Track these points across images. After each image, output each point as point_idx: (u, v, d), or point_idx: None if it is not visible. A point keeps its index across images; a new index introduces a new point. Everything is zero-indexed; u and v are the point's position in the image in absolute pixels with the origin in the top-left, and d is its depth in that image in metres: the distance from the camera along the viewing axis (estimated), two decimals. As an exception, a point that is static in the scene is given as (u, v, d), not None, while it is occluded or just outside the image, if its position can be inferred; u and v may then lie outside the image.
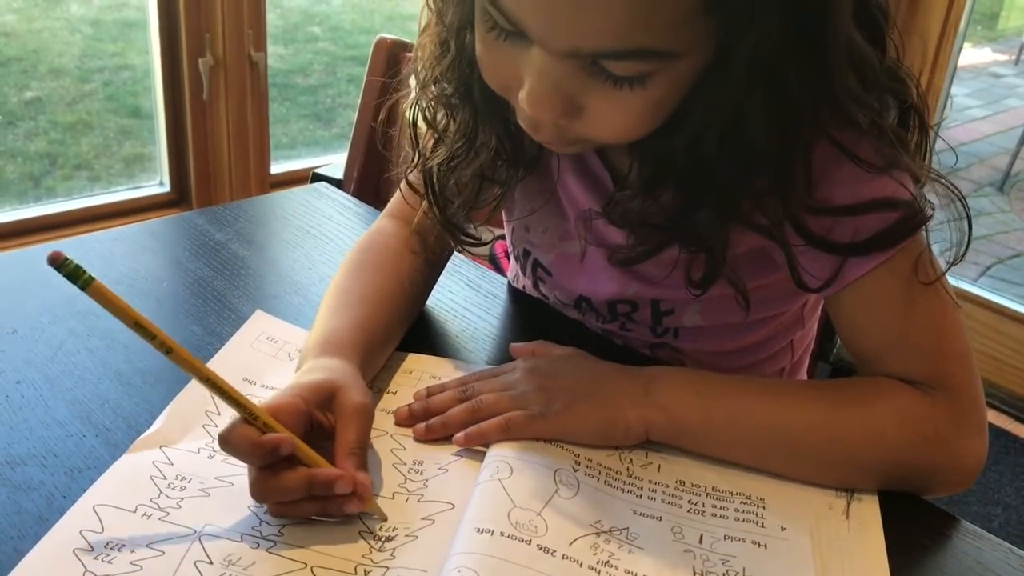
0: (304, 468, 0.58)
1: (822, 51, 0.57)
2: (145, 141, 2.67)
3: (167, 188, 2.12)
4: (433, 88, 0.74)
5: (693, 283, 0.71)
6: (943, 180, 0.66)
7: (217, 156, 2.07)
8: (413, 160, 0.79)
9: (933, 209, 0.66)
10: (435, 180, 0.77)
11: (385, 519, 0.60)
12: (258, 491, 0.58)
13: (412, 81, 0.77)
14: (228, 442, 0.58)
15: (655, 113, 0.61)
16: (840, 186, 0.65)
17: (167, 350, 0.57)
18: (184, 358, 0.58)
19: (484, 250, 1.15)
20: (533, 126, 0.65)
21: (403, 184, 0.84)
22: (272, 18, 2.05)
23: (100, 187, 2.81)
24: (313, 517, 0.59)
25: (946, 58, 2.24)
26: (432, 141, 0.77)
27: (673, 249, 0.70)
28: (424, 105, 0.76)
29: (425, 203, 0.79)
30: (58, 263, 0.52)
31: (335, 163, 1.28)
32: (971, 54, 3.72)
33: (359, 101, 1.26)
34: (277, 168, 2.26)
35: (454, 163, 0.75)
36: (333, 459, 0.60)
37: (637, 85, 0.58)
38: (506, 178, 0.78)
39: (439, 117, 0.76)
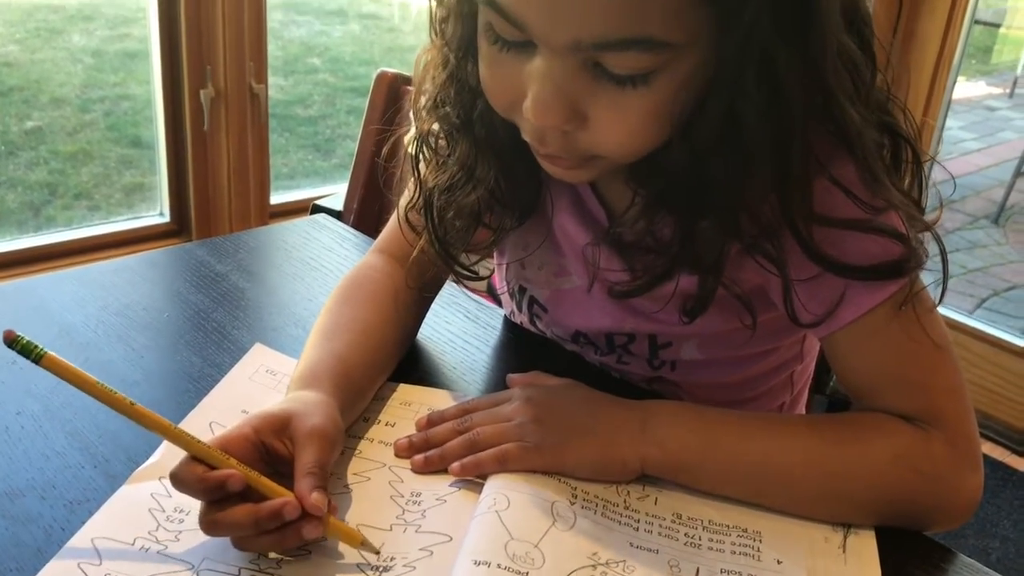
0: (249, 504, 0.58)
1: (813, 40, 0.58)
2: (145, 171, 2.68)
3: (167, 218, 2.13)
4: (436, 112, 0.75)
5: (686, 312, 0.71)
6: (920, 219, 0.66)
7: (217, 186, 2.08)
8: (414, 196, 0.80)
9: (927, 255, 0.67)
10: (435, 207, 0.77)
11: (377, 552, 0.60)
12: (206, 526, 0.58)
13: (413, 116, 0.78)
14: (177, 479, 0.58)
15: (659, 118, 0.61)
16: (841, 209, 0.65)
17: (131, 403, 0.59)
18: (148, 416, 0.59)
19: (481, 283, 1.15)
20: (539, 138, 0.65)
21: (395, 219, 0.84)
22: (272, 49, 2.07)
23: (100, 217, 2.82)
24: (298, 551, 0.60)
25: (941, 91, 2.26)
26: (433, 166, 0.78)
27: (670, 283, 0.70)
28: (427, 129, 0.77)
29: (423, 237, 0.80)
30: (10, 341, 0.55)
31: (335, 194, 1.29)
32: (965, 87, 3.75)
33: (359, 133, 1.27)
34: (277, 199, 2.27)
35: (455, 192, 0.76)
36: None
37: (640, 84, 0.59)
38: (499, 225, 0.78)
39: (441, 144, 0.77)
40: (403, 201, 0.83)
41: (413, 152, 0.79)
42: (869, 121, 0.63)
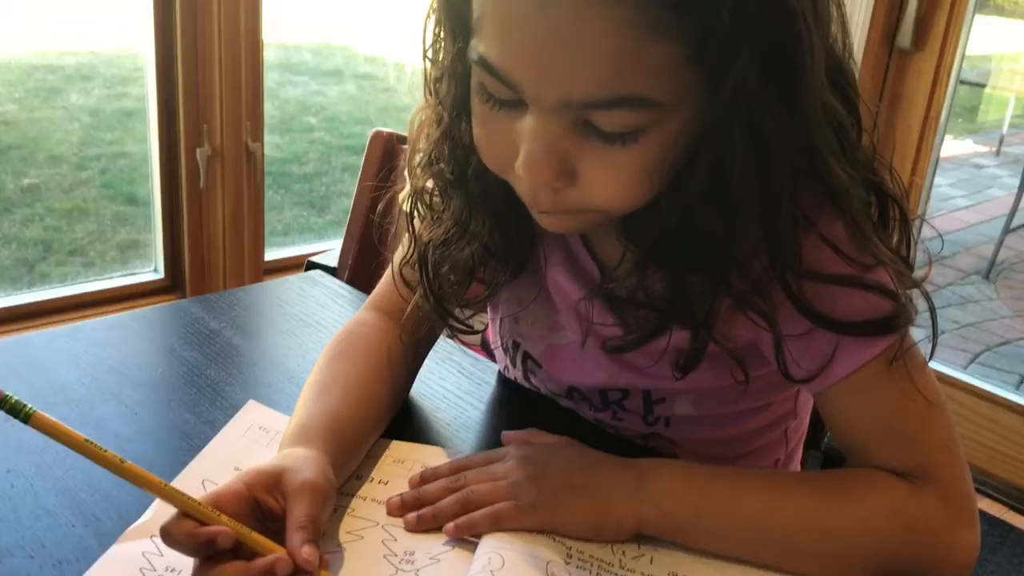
0: (241, 561, 0.57)
1: (800, 105, 0.59)
2: (140, 228, 2.69)
3: (161, 275, 2.13)
4: (431, 169, 0.76)
5: (679, 367, 0.71)
6: (908, 276, 0.67)
7: (212, 243, 2.09)
8: (409, 252, 0.80)
9: (917, 312, 0.67)
10: (429, 264, 0.78)
11: None
12: None
13: (403, 197, 0.79)
14: (168, 535, 0.57)
15: (648, 175, 0.62)
16: (830, 265, 0.66)
17: (120, 462, 0.58)
18: (137, 472, 0.59)
19: (476, 337, 1.15)
20: (532, 196, 0.65)
21: (388, 276, 0.85)
22: (269, 108, 2.09)
23: (94, 273, 2.82)
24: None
25: (928, 150, 2.29)
26: (428, 222, 0.78)
27: (663, 338, 0.71)
28: (421, 186, 0.78)
29: (418, 291, 0.80)
30: None
31: (329, 250, 1.29)
32: (953, 145, 3.81)
33: (354, 190, 1.28)
34: (271, 255, 2.28)
35: (449, 247, 0.76)
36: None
37: (629, 141, 0.59)
38: (493, 279, 0.79)
39: (436, 200, 0.78)
40: (397, 257, 0.84)
41: (408, 209, 0.80)
42: (855, 179, 0.64)
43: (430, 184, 0.77)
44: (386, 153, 1.24)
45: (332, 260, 1.27)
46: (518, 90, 0.60)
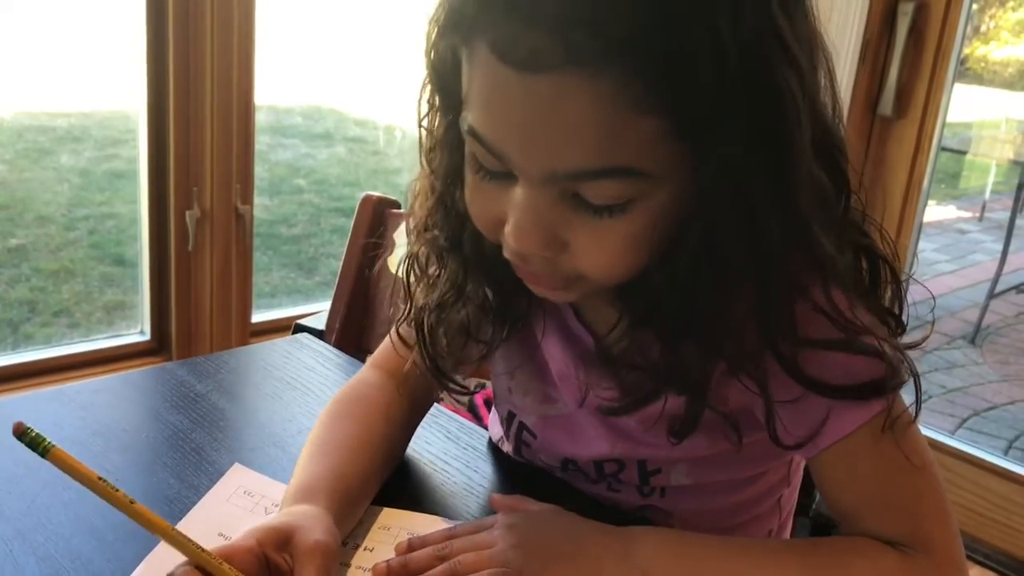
0: None
1: (787, 177, 0.59)
2: (127, 289, 2.68)
3: (147, 336, 2.12)
4: (426, 235, 0.76)
5: (674, 432, 0.71)
6: (897, 343, 0.67)
7: (199, 306, 2.08)
8: (405, 312, 0.81)
9: (909, 373, 0.68)
10: (425, 327, 0.78)
11: None
12: None
13: (398, 238, 0.80)
14: None
15: (637, 246, 0.62)
16: (823, 331, 0.65)
17: (131, 502, 0.59)
18: (145, 514, 0.59)
19: (463, 400, 1.15)
20: (522, 260, 0.66)
21: (392, 335, 0.85)
22: (259, 171, 2.10)
23: (79, 334, 2.80)
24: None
25: (912, 215, 2.32)
26: (424, 286, 0.79)
27: (657, 403, 0.70)
28: (416, 251, 0.79)
29: (415, 352, 0.80)
30: (20, 432, 0.57)
31: (317, 313, 1.29)
32: (936, 211, 3.85)
33: (343, 252, 1.29)
34: (258, 316, 2.27)
35: (444, 310, 0.77)
36: None
37: (617, 213, 0.60)
38: (491, 336, 0.79)
39: (431, 267, 0.78)
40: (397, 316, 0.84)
41: (403, 272, 0.80)
42: (843, 246, 0.65)
43: (424, 251, 0.77)
44: (375, 216, 1.25)
45: (320, 323, 1.27)
46: (505, 161, 0.61)
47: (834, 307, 0.65)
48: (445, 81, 0.66)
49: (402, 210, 1.19)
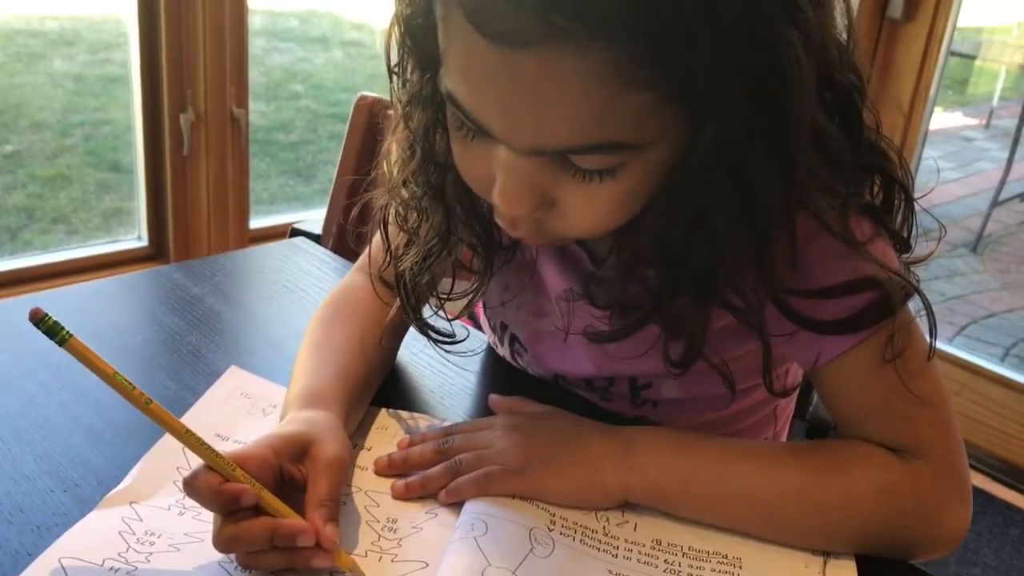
0: (268, 518, 0.58)
1: (785, 137, 0.56)
2: (124, 195, 2.67)
3: (145, 242, 2.11)
4: (403, 191, 0.73)
5: (672, 363, 0.69)
6: (896, 273, 0.66)
7: (196, 211, 2.07)
8: (385, 260, 0.78)
9: (918, 280, 0.66)
10: (408, 282, 0.75)
11: None
12: (220, 540, 0.58)
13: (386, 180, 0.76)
14: (191, 487, 0.57)
15: (628, 204, 0.60)
16: (819, 266, 0.64)
17: (147, 402, 0.58)
18: (161, 413, 0.59)
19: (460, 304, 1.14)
20: (510, 223, 0.63)
21: (374, 281, 0.81)
22: (255, 75, 2.07)
23: (78, 241, 2.80)
24: (283, 572, 0.59)
25: (918, 122, 2.29)
26: (404, 242, 0.76)
27: (652, 327, 0.69)
28: (395, 207, 0.75)
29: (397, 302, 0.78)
30: (37, 319, 0.56)
31: (314, 218, 1.28)
32: (942, 118, 3.80)
33: (339, 157, 1.27)
34: (257, 223, 2.26)
35: (428, 262, 0.74)
36: (304, 512, 0.59)
37: (607, 177, 0.57)
38: (484, 268, 0.76)
39: (411, 218, 0.74)
40: (376, 248, 0.81)
41: (379, 220, 0.77)
42: (847, 202, 0.62)
43: (405, 192, 0.73)
44: (371, 118, 1.23)
45: (316, 227, 1.26)
46: (488, 132, 0.57)
47: (835, 245, 0.63)
48: (418, 39, 0.62)
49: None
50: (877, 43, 2.27)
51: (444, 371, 0.86)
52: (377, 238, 0.83)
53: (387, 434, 0.75)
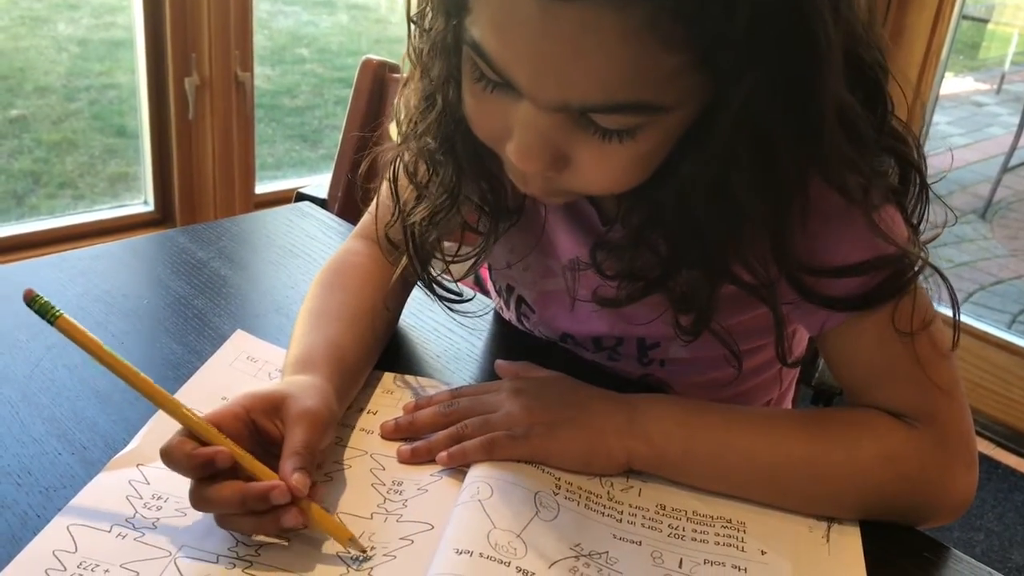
0: (239, 482, 0.58)
1: (811, 111, 0.56)
2: (130, 160, 2.66)
3: (151, 207, 2.11)
4: (415, 143, 0.72)
5: (683, 329, 0.69)
6: (915, 253, 0.66)
7: (202, 176, 2.06)
8: (394, 215, 0.77)
9: (923, 259, 0.66)
10: (416, 236, 0.75)
11: (363, 551, 0.59)
12: (195, 501, 0.58)
13: (393, 130, 0.76)
14: (168, 456, 0.58)
15: (642, 166, 0.60)
16: (842, 243, 0.64)
17: (134, 374, 0.60)
18: (148, 386, 0.60)
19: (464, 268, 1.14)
20: (522, 179, 0.64)
21: (380, 239, 0.80)
22: (260, 39, 2.05)
23: (84, 206, 2.79)
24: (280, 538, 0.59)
25: (928, 87, 2.27)
26: (414, 197, 0.75)
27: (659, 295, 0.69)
28: (407, 159, 0.75)
29: (403, 259, 0.78)
30: (29, 300, 0.58)
31: (320, 183, 1.28)
32: (953, 83, 3.76)
33: (344, 122, 1.26)
34: (262, 188, 2.25)
35: (437, 218, 0.74)
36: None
37: (626, 138, 0.57)
38: (490, 229, 0.76)
39: (421, 172, 0.74)
40: (381, 213, 0.81)
41: (389, 175, 0.77)
42: (870, 182, 0.62)
43: (417, 144, 0.72)
44: (376, 81, 1.22)
45: (322, 192, 1.25)
46: (513, 85, 0.57)
47: (855, 219, 0.63)
48: None
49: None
50: (889, 7, 2.25)
51: (450, 336, 0.86)
52: (382, 197, 0.83)
53: (392, 398, 0.75)
